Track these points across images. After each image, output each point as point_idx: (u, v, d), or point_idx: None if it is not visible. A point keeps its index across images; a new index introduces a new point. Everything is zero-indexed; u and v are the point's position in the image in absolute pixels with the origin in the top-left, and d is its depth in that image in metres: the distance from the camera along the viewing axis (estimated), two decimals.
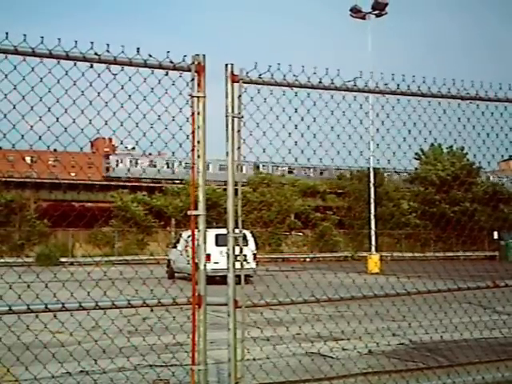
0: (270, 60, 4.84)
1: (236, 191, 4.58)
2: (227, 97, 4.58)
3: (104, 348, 5.79)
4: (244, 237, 4.95)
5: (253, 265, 19.86)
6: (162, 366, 6.35)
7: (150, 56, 4.31)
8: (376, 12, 35.56)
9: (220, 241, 17.41)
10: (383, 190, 47.35)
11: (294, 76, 4.79)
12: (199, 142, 4.41)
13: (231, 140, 4.56)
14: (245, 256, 4.85)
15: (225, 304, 4.56)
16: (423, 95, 5.50)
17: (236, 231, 4.55)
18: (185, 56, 4.41)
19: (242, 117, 4.63)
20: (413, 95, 5.47)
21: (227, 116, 4.57)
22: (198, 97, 4.42)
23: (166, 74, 4.39)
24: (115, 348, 6.64)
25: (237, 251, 4.55)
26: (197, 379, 4.39)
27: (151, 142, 4.43)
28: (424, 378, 5.62)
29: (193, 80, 4.42)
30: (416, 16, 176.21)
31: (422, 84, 5.38)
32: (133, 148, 40.97)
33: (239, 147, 4.59)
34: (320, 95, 5.01)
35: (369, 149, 5.79)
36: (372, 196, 34.38)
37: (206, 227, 4.46)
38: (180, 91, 4.41)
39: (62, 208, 38.23)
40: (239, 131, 4.60)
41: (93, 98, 4.16)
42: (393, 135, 5.50)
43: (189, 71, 4.42)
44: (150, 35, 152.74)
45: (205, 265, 4.45)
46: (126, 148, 48.27)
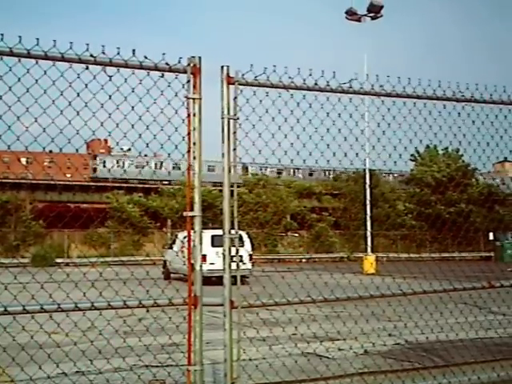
0: (269, 61, 4.86)
1: (232, 192, 4.59)
2: (223, 99, 4.59)
3: (100, 348, 5.79)
4: (240, 238, 4.96)
5: (249, 265, 19.83)
6: (158, 367, 6.36)
7: (146, 58, 4.32)
8: (371, 14, 35.53)
9: (216, 242, 17.41)
10: (379, 192, 47.41)
11: (290, 78, 4.81)
12: (195, 144, 4.42)
13: (227, 141, 4.57)
14: (241, 257, 4.86)
15: (221, 304, 4.57)
16: (418, 97, 5.52)
17: (232, 232, 4.57)
18: (180, 58, 4.43)
19: (238, 118, 4.65)
20: (408, 97, 5.49)
21: (223, 118, 4.59)
22: (194, 98, 4.43)
23: (162, 76, 4.40)
24: (111, 348, 6.66)
25: (233, 252, 4.56)
26: (193, 379, 4.40)
27: (147, 144, 4.44)
28: (420, 378, 5.63)
29: (188, 82, 4.43)
30: (413, 16, 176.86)
31: (418, 86, 5.41)
32: (128, 149, 40.90)
33: (235, 149, 4.61)
34: (316, 97, 5.03)
35: (364, 150, 5.80)
36: (368, 197, 34.41)
37: (202, 228, 4.47)
38: (176, 93, 4.42)
39: (58, 209, 38.17)
40: (235, 133, 4.61)
41: (88, 100, 4.17)
42: (388, 137, 5.52)
43: (184, 73, 4.43)
44: (149, 37, 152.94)
45: (201, 265, 4.46)
46: (122, 149, 48.19)
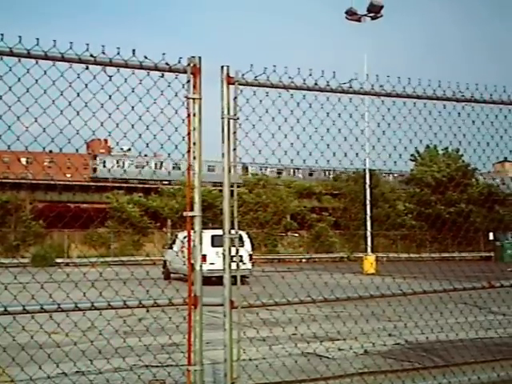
0: (269, 61, 4.86)
1: (232, 192, 4.59)
2: (223, 99, 4.59)
3: (100, 348, 5.79)
4: (240, 238, 4.96)
5: (249, 265, 19.83)
6: (158, 367, 6.36)
7: (146, 58, 4.32)
8: (371, 14, 35.50)
9: (216, 242, 17.41)
10: (379, 192, 47.41)
11: (290, 78, 4.81)
12: (195, 144, 4.42)
13: (227, 141, 4.57)
14: (241, 257, 4.86)
15: (221, 304, 4.57)
16: (418, 97, 5.51)
17: (232, 232, 4.57)
18: (180, 58, 4.42)
19: (238, 118, 4.65)
20: (408, 97, 5.48)
21: (223, 118, 4.59)
22: (194, 98, 4.43)
23: (162, 76, 4.40)
24: (111, 348, 6.66)
25: (233, 252, 4.56)
26: (193, 379, 4.40)
27: (147, 144, 4.44)
28: (420, 378, 5.63)
29: (188, 82, 4.43)
30: (413, 16, 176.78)
31: (418, 86, 5.41)
32: (128, 149, 40.90)
33: (235, 149, 4.60)
34: (316, 97, 5.03)
35: (364, 150, 5.80)
36: (368, 197, 34.40)
37: (202, 228, 4.47)
38: (176, 93, 4.42)
39: (58, 209, 38.17)
40: (235, 133, 4.61)
41: (88, 100, 4.17)
42: (388, 137, 5.52)
43: (184, 73, 4.43)
44: (149, 37, 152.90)
45: (201, 265, 4.46)
46: (122, 149, 48.17)
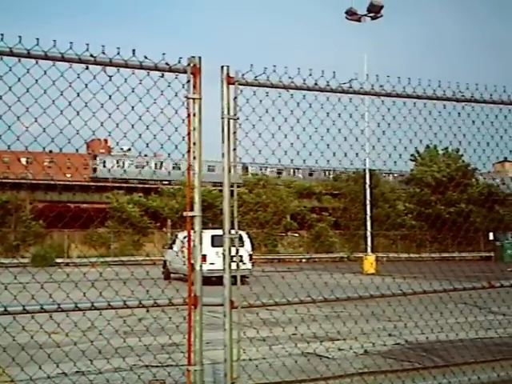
0: (268, 61, 4.85)
1: (232, 192, 4.59)
2: (223, 99, 4.59)
3: (100, 348, 5.80)
4: (240, 238, 4.96)
5: (249, 265, 19.83)
6: (158, 367, 6.36)
7: (146, 58, 4.32)
8: (371, 14, 35.48)
9: (216, 242, 17.41)
10: (379, 192, 47.41)
11: (290, 78, 4.81)
12: (195, 144, 4.42)
13: (227, 141, 4.57)
14: (241, 257, 4.86)
15: (221, 304, 4.57)
16: (418, 97, 5.51)
17: (232, 232, 4.57)
18: (180, 58, 4.42)
19: (238, 118, 4.65)
20: (408, 97, 5.48)
21: (223, 118, 4.59)
22: (194, 98, 4.43)
23: (162, 76, 4.40)
24: (111, 348, 6.66)
25: (233, 252, 4.56)
26: (193, 379, 4.40)
27: (147, 144, 4.44)
28: (420, 378, 5.63)
29: (188, 82, 4.43)
30: (413, 16, 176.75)
31: (418, 86, 5.41)
32: (128, 149, 40.89)
33: (235, 149, 4.60)
34: (316, 97, 5.03)
35: (364, 150, 5.80)
36: (368, 197, 34.40)
37: (202, 228, 4.47)
38: (176, 93, 4.42)
39: (58, 209, 38.16)
40: (235, 133, 4.61)
41: (88, 100, 4.17)
42: (388, 137, 5.52)
43: (184, 73, 4.43)
44: (149, 37, 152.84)
45: (201, 265, 4.46)
46: (122, 149, 48.17)
